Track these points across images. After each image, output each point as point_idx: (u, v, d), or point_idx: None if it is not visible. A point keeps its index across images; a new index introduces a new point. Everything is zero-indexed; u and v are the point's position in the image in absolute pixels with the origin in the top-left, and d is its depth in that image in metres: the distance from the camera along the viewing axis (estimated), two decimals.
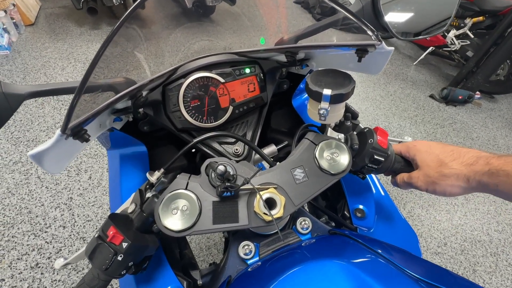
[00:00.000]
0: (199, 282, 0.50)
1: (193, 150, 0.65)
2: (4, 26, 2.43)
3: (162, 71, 0.45)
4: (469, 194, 1.90)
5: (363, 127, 0.46)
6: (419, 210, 1.73)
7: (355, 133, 0.45)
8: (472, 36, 2.96)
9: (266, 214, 0.34)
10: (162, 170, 0.42)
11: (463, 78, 2.91)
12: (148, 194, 0.40)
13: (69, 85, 0.41)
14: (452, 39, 3.04)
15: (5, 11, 2.47)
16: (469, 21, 2.93)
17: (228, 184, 0.33)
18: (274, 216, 0.34)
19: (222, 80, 0.49)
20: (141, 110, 0.48)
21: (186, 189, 0.35)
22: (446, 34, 3.10)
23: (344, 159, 0.39)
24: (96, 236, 0.35)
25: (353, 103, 2.60)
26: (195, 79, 0.48)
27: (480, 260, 1.52)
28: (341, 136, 0.44)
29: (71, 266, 1.20)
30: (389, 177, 0.52)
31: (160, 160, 0.60)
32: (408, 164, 0.46)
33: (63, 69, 2.37)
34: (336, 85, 0.36)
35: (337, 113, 0.39)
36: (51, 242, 1.27)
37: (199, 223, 0.34)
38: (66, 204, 1.41)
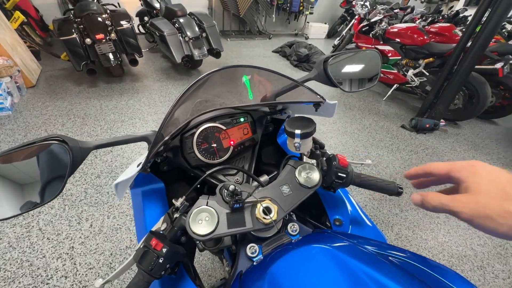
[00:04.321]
0: None
1: (198, 186, 0.79)
2: (8, 90, 2.63)
3: (181, 124, 0.62)
4: None
5: (329, 154, 0.63)
6: (406, 231, 1.85)
7: (324, 158, 0.62)
8: (427, 73, 3.43)
9: (265, 218, 0.48)
10: (184, 197, 0.56)
11: (427, 109, 3.29)
12: (176, 215, 0.53)
13: (120, 138, 0.56)
14: (412, 77, 3.51)
15: (11, 77, 2.70)
16: (422, 62, 3.44)
17: (237, 197, 0.48)
18: (270, 219, 0.48)
19: (224, 127, 0.67)
20: (164, 154, 0.63)
21: (207, 205, 0.49)
22: (406, 73, 3.58)
23: (316, 176, 0.55)
24: (141, 246, 0.47)
25: (333, 137, 2.86)
26: (204, 128, 0.65)
27: (469, 274, 1.61)
28: (314, 161, 0.61)
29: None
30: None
31: (175, 193, 0.74)
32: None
33: (63, 125, 2.52)
34: (303, 127, 0.54)
35: (306, 145, 0.56)
36: None
37: (218, 229, 0.47)
38: (67, 253, 1.44)
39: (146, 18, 5.05)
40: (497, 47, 3.16)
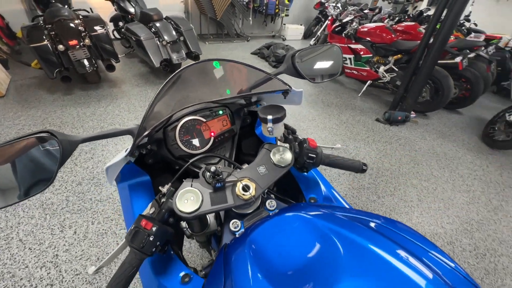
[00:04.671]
0: (202, 272, 0.64)
1: (184, 180, 0.84)
2: None
3: (163, 117, 0.66)
4: (421, 194, 2.21)
5: (301, 138, 0.70)
6: (383, 215, 1.97)
7: (296, 142, 0.68)
8: (396, 69, 3.65)
9: (245, 195, 0.54)
10: (170, 184, 0.60)
11: (398, 102, 3.50)
12: (163, 200, 0.58)
13: (105, 132, 0.60)
14: (383, 73, 3.72)
15: None
16: (391, 59, 3.65)
17: (219, 177, 0.53)
18: (249, 195, 0.54)
19: (204, 120, 0.72)
20: (148, 146, 0.67)
21: (191, 187, 0.54)
22: (377, 70, 3.79)
23: (288, 157, 0.61)
24: (132, 227, 0.51)
25: (313, 133, 2.97)
26: (186, 121, 0.70)
27: None
28: (287, 145, 0.67)
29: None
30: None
31: (160, 185, 0.77)
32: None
33: None
34: (274, 113, 0.60)
35: (279, 129, 0.63)
36: None
37: (202, 207, 0.52)
38: (52, 262, 1.42)
39: (120, 23, 4.97)
40: (456, 43, 3.43)
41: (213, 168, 0.53)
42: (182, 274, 0.59)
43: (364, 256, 0.43)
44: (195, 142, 0.71)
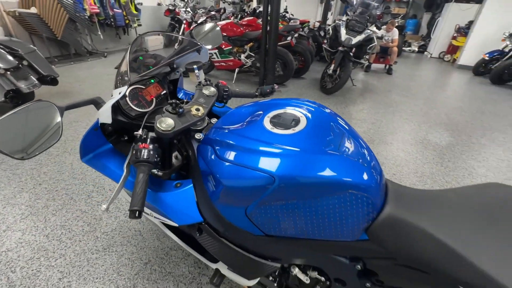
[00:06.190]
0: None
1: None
2: None
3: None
4: None
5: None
6: None
7: (214, 84, 1.04)
8: (253, 55, 4.54)
9: (198, 114, 0.85)
10: (141, 129, 0.82)
11: (263, 80, 4.41)
12: (143, 136, 0.79)
13: (75, 102, 0.74)
14: (245, 60, 4.53)
15: None
16: (247, 47, 4.50)
17: (179, 105, 0.81)
18: (202, 112, 0.85)
19: (143, 87, 0.95)
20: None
21: (162, 117, 0.79)
22: (240, 58, 4.57)
23: (213, 89, 0.96)
24: (133, 152, 0.72)
25: None
26: (131, 89, 0.91)
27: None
28: (210, 86, 1.02)
29: None
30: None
31: (124, 150, 0.94)
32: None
33: None
34: (197, 64, 0.94)
35: (202, 74, 0.97)
36: None
37: (176, 126, 0.79)
38: None
39: None
40: (284, 28, 4.63)
41: (174, 101, 0.81)
42: (174, 183, 0.85)
43: (276, 105, 0.85)
44: (143, 104, 0.94)
